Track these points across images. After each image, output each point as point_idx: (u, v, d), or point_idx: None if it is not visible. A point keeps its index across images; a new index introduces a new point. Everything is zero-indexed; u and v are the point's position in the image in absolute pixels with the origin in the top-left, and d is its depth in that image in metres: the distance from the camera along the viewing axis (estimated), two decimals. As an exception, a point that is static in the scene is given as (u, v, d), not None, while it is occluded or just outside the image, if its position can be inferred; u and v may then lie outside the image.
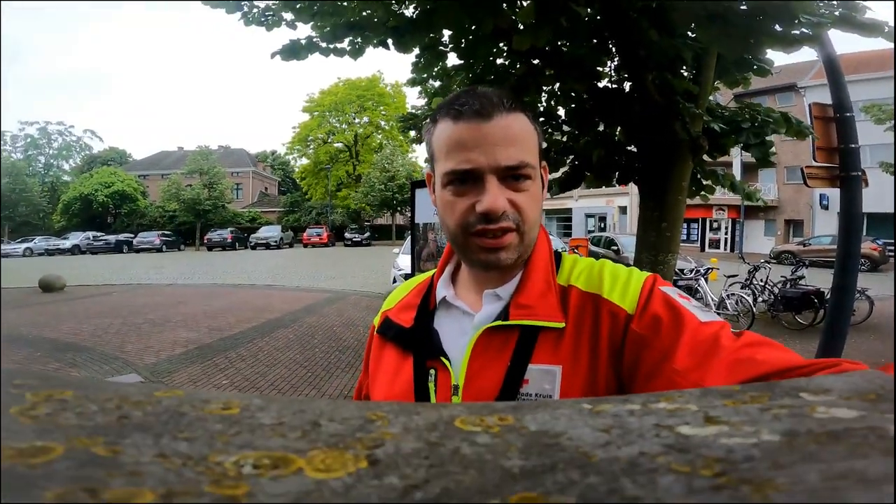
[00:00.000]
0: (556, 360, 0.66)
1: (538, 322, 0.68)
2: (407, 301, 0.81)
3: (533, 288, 0.71)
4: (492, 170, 0.65)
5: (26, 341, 6.25)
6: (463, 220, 0.68)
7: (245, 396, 0.26)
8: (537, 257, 0.74)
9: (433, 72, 3.91)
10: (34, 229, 37.36)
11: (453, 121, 0.67)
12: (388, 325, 0.80)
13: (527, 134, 0.69)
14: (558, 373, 0.66)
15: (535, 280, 0.71)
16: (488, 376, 0.68)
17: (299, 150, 43.38)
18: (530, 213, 0.69)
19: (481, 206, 0.65)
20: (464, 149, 0.66)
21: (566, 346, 0.67)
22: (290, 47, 3.08)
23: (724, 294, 7.56)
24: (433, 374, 0.71)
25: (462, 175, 0.67)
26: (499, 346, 0.68)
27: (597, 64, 3.11)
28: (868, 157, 15.64)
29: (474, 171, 0.66)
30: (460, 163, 0.66)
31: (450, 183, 0.68)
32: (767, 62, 3.08)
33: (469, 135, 0.66)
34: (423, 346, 0.74)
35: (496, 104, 0.66)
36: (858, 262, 4.12)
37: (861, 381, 0.29)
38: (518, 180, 0.67)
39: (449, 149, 0.67)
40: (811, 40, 1.94)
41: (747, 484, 0.16)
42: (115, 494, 0.14)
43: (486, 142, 0.65)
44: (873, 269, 16.64)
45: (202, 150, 40.35)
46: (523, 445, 0.21)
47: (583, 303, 0.69)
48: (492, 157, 0.65)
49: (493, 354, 0.68)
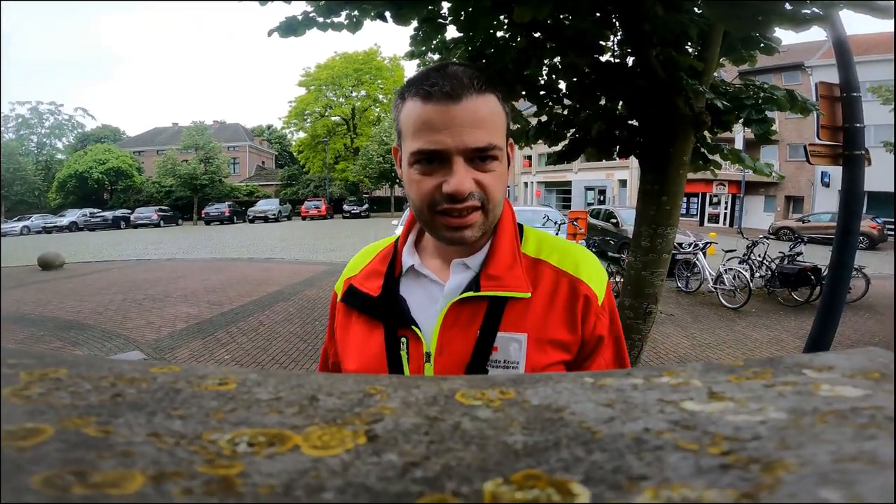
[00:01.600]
0: (522, 329, 0.71)
1: (507, 293, 0.72)
2: (371, 268, 0.81)
3: (501, 260, 0.74)
4: (459, 151, 0.66)
5: (28, 320, 6.28)
6: (429, 198, 0.69)
7: (242, 371, 0.26)
8: (503, 230, 0.76)
9: (432, 45, 3.82)
10: (30, 207, 37.37)
11: (423, 101, 0.67)
12: (354, 294, 0.79)
13: (495, 116, 0.69)
14: (524, 340, 0.71)
15: (502, 252, 0.75)
16: (459, 344, 0.71)
17: (296, 124, 42.85)
18: (496, 192, 0.71)
19: (448, 188, 0.67)
20: (432, 130, 0.66)
21: (532, 316, 0.72)
22: (288, 24, 2.99)
23: (722, 269, 7.59)
24: (405, 343, 0.73)
25: (429, 155, 0.67)
26: (469, 316, 0.72)
27: (599, 38, 3.04)
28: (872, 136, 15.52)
29: (441, 152, 0.67)
30: (428, 143, 0.67)
31: (417, 162, 0.69)
32: (775, 40, 3.02)
33: (438, 116, 0.66)
34: (393, 314, 0.75)
35: (466, 86, 0.66)
36: (857, 240, 4.13)
37: (863, 360, 0.29)
38: (485, 161, 0.69)
39: (417, 128, 0.68)
40: (821, 20, 1.89)
41: (756, 463, 0.16)
42: (104, 477, 0.14)
43: (455, 123, 0.66)
44: (871, 247, 16.68)
45: (197, 125, 39.81)
46: (525, 420, 0.20)
47: (557, 279, 0.74)
48: (459, 139, 0.66)
49: (464, 323, 0.72)
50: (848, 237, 3.91)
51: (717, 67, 2.97)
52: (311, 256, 13.61)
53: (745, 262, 8.10)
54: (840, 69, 3.83)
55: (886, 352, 0.30)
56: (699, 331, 6.08)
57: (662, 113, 2.80)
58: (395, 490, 0.15)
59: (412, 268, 0.77)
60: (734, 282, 7.37)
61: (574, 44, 2.87)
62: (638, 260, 3.00)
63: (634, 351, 3.04)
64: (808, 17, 1.83)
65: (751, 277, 7.37)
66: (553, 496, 0.15)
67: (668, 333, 5.95)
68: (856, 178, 3.89)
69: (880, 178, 11.40)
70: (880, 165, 8.24)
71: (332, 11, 2.95)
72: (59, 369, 0.24)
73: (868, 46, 20.90)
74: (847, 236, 3.91)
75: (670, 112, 2.76)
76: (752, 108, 2.89)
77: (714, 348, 5.42)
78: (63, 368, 0.24)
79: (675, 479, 0.15)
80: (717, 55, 2.88)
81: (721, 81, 3.21)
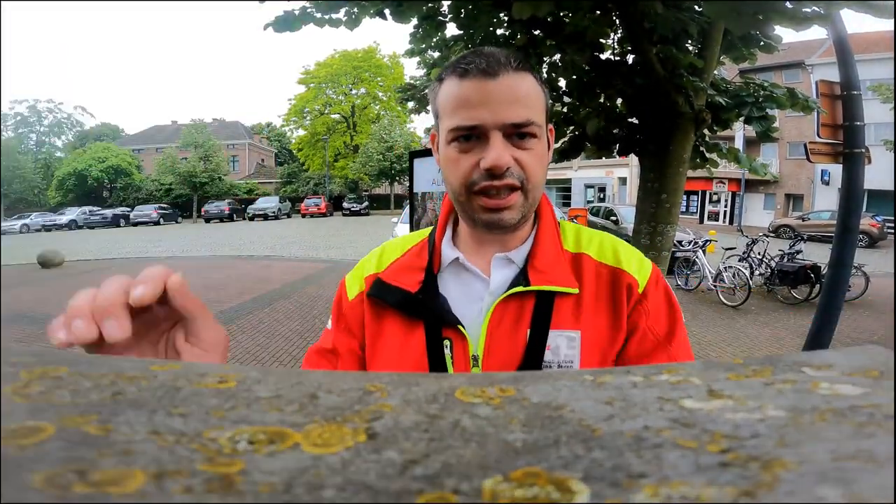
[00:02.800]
0: (575, 326, 0.67)
1: (556, 287, 0.68)
2: (406, 262, 0.75)
3: (546, 253, 0.70)
4: (497, 126, 0.64)
5: (28, 319, 6.28)
6: (467, 177, 0.66)
7: (242, 369, 0.26)
8: (544, 223, 0.73)
9: (432, 42, 3.81)
10: (30, 206, 37.41)
11: (459, 78, 0.65)
12: (386, 289, 0.72)
13: (533, 93, 0.66)
14: (578, 338, 0.67)
15: (546, 245, 0.71)
16: (509, 345, 0.67)
17: (296, 122, 42.83)
18: (536, 171, 0.67)
19: (486, 162, 0.63)
20: (469, 106, 0.64)
21: (583, 312, 0.68)
22: (284, 18, 2.98)
23: (722, 267, 7.59)
24: (449, 344, 0.68)
25: (467, 131, 0.65)
26: (516, 313, 0.67)
27: (599, 36, 3.04)
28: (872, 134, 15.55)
29: (479, 127, 0.64)
30: (465, 119, 0.64)
31: (455, 140, 0.66)
32: (776, 38, 3.02)
33: (475, 92, 0.64)
34: (435, 312, 0.69)
35: (503, 63, 0.64)
36: (857, 237, 4.13)
37: (863, 358, 0.29)
38: (523, 138, 0.65)
39: (455, 106, 0.65)
40: (822, 19, 1.89)
41: (755, 461, 0.16)
42: (104, 475, 0.14)
43: (492, 99, 0.63)
44: (871, 245, 16.70)
45: (196, 123, 39.81)
46: (525, 418, 0.20)
47: (599, 272, 0.71)
48: (497, 114, 0.63)
49: (512, 322, 0.67)
50: (847, 235, 3.92)
51: (717, 65, 2.97)
52: (311, 254, 13.61)
53: (745, 259, 8.11)
54: (840, 67, 3.83)
55: (886, 350, 0.30)
56: (699, 328, 6.09)
57: (662, 111, 2.80)
58: (394, 488, 0.15)
59: (455, 261, 0.72)
60: (734, 279, 7.38)
61: (574, 41, 2.87)
62: (638, 258, 3.01)
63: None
64: (808, 15, 1.84)
65: (750, 275, 7.38)
66: (553, 493, 0.15)
67: (667, 331, 5.96)
68: (856, 177, 3.89)
69: (880, 177, 11.42)
70: (880, 164, 8.25)
71: (331, 8, 2.95)
72: (59, 367, 0.24)
73: (868, 45, 20.90)
74: (847, 234, 3.92)
75: (670, 110, 2.76)
76: (752, 105, 2.89)
77: (713, 346, 5.42)
78: (63, 366, 0.24)
79: (674, 477, 0.15)
80: (717, 53, 2.88)
81: (721, 79, 3.21)
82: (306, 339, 5.41)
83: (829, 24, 2.48)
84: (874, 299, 7.38)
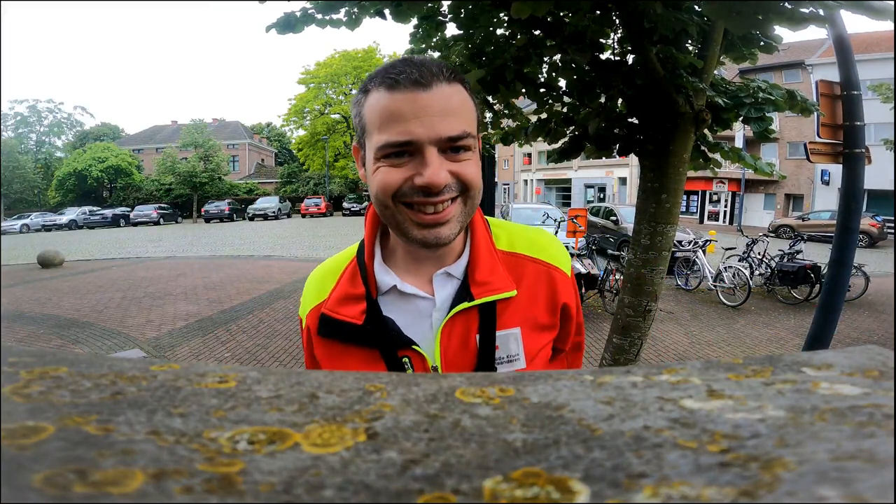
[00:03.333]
0: (514, 323, 0.72)
1: (497, 296, 0.71)
2: (342, 292, 0.74)
3: (484, 263, 0.72)
4: (432, 141, 0.61)
5: (28, 319, 6.28)
6: (394, 189, 0.63)
7: (241, 369, 0.26)
8: (477, 231, 0.74)
9: (432, 43, 3.81)
10: (30, 206, 37.53)
11: (388, 90, 0.62)
12: (333, 325, 0.73)
13: (468, 104, 0.65)
14: (519, 333, 0.73)
15: (482, 255, 0.73)
16: (464, 352, 0.71)
17: (296, 122, 42.83)
18: (475, 180, 0.66)
19: (422, 180, 0.61)
20: (401, 119, 0.61)
21: (520, 309, 0.73)
22: (286, 20, 2.98)
23: (722, 267, 7.59)
24: (408, 362, 0.70)
25: (399, 147, 0.62)
26: (464, 324, 0.71)
27: (599, 36, 3.03)
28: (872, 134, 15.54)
29: (413, 143, 0.61)
30: (397, 134, 0.61)
31: (385, 157, 0.63)
32: (776, 38, 3.01)
33: (407, 105, 0.61)
34: (387, 339, 0.70)
35: (435, 73, 0.62)
36: (857, 237, 4.13)
37: (862, 358, 0.29)
38: (458, 152, 0.64)
39: (384, 120, 0.62)
40: (820, 20, 1.90)
41: (755, 461, 0.16)
42: (104, 475, 0.14)
43: (426, 112, 0.61)
44: (871, 245, 16.69)
45: (196, 123, 39.83)
46: (525, 418, 0.20)
47: (536, 269, 0.76)
48: (431, 128, 0.61)
49: (462, 332, 0.71)
50: (847, 235, 3.92)
51: (717, 65, 2.96)
52: (311, 254, 13.61)
53: (745, 259, 8.11)
54: (840, 67, 3.83)
55: (885, 350, 0.30)
56: (698, 328, 6.09)
57: (662, 111, 2.80)
58: (394, 488, 0.15)
59: (394, 288, 0.72)
60: (734, 279, 7.38)
61: (574, 41, 2.86)
62: (637, 258, 3.00)
63: (634, 349, 3.05)
64: (807, 16, 1.83)
65: (750, 275, 7.38)
66: (553, 494, 0.15)
67: (667, 331, 5.96)
68: (856, 177, 3.89)
69: (880, 177, 11.40)
70: (880, 163, 8.24)
71: (332, 8, 2.94)
72: (59, 367, 0.24)
73: (869, 44, 20.93)
74: (846, 234, 3.91)
75: (670, 110, 2.76)
76: (750, 106, 2.89)
77: (713, 346, 5.42)
78: (63, 366, 0.24)
79: (674, 477, 0.15)
80: (717, 53, 2.87)
81: (721, 79, 3.21)
82: (306, 339, 5.40)
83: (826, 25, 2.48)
84: (874, 299, 7.38)
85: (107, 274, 10.07)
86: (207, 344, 5.26)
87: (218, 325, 5.92)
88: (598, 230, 12.69)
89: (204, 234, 21.54)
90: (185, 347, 5.14)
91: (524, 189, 37.79)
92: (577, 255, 7.08)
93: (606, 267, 6.97)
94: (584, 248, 7.57)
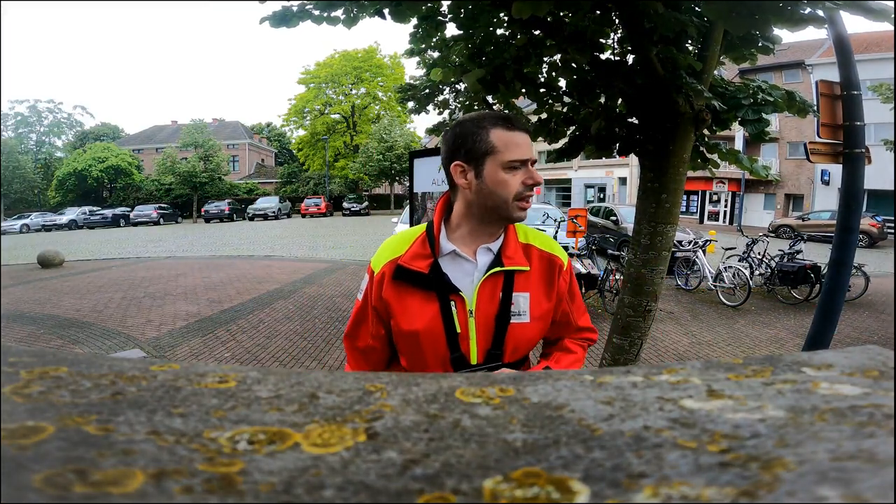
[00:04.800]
0: (526, 289, 1.11)
1: (517, 267, 1.10)
2: (416, 251, 1.10)
3: (511, 245, 1.11)
4: (532, 161, 1.07)
5: (28, 319, 6.28)
6: (517, 191, 1.05)
7: (241, 369, 0.26)
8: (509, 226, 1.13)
9: (432, 42, 3.81)
10: (30, 206, 37.52)
11: (508, 130, 1.05)
12: (406, 272, 1.08)
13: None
14: (528, 297, 1.10)
15: (510, 240, 1.12)
16: (491, 303, 1.08)
17: (296, 122, 42.83)
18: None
19: (534, 180, 1.07)
20: (520, 147, 1.05)
21: (531, 281, 1.12)
22: (281, 14, 2.98)
23: (722, 267, 7.59)
24: (454, 304, 1.06)
25: (520, 163, 1.05)
26: (493, 283, 1.08)
27: (599, 36, 3.03)
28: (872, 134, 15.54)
29: (528, 160, 1.05)
30: (521, 155, 1.05)
31: (510, 167, 1.04)
32: (775, 39, 3.01)
33: (522, 139, 1.06)
34: (443, 285, 1.06)
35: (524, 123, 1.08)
36: (857, 237, 4.13)
37: (862, 358, 0.29)
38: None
39: (510, 146, 1.04)
40: (818, 21, 1.90)
41: (755, 461, 0.16)
42: (104, 475, 0.14)
43: (528, 144, 1.07)
44: (871, 245, 16.69)
45: (196, 123, 39.81)
46: (525, 418, 0.20)
47: (542, 256, 1.15)
48: (531, 153, 1.06)
49: (491, 288, 1.08)
50: (847, 235, 3.92)
51: (717, 66, 2.96)
52: (311, 254, 13.60)
53: (745, 259, 8.11)
54: (840, 67, 3.83)
55: (885, 350, 0.30)
56: (698, 328, 6.09)
57: (662, 111, 2.80)
58: (394, 488, 0.15)
59: (453, 251, 1.09)
60: (734, 279, 7.38)
61: (574, 41, 2.86)
62: (638, 258, 3.00)
63: (634, 349, 3.04)
64: (806, 17, 1.84)
65: (750, 275, 7.37)
66: (553, 494, 0.15)
67: (667, 331, 5.96)
68: (856, 177, 3.89)
69: (880, 177, 11.41)
70: (880, 164, 8.24)
71: (331, 7, 2.94)
72: (59, 367, 0.24)
73: (869, 44, 20.93)
74: (846, 234, 3.91)
75: (670, 110, 2.76)
76: (748, 108, 2.89)
77: (713, 346, 5.42)
78: (63, 367, 0.24)
79: (674, 477, 0.15)
80: (717, 53, 2.87)
81: (720, 80, 3.20)
82: (306, 339, 5.40)
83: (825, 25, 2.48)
84: (874, 299, 7.38)
85: (107, 274, 10.07)
86: (207, 344, 5.25)
87: (218, 325, 5.91)
88: (598, 230, 12.68)
89: (204, 234, 21.53)
90: (185, 347, 5.13)
91: (524, 189, 37.75)
92: (577, 255, 7.08)
93: (606, 267, 6.97)
94: (584, 248, 7.57)
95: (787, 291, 7.58)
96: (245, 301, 7.12)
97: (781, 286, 7.61)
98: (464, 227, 1.11)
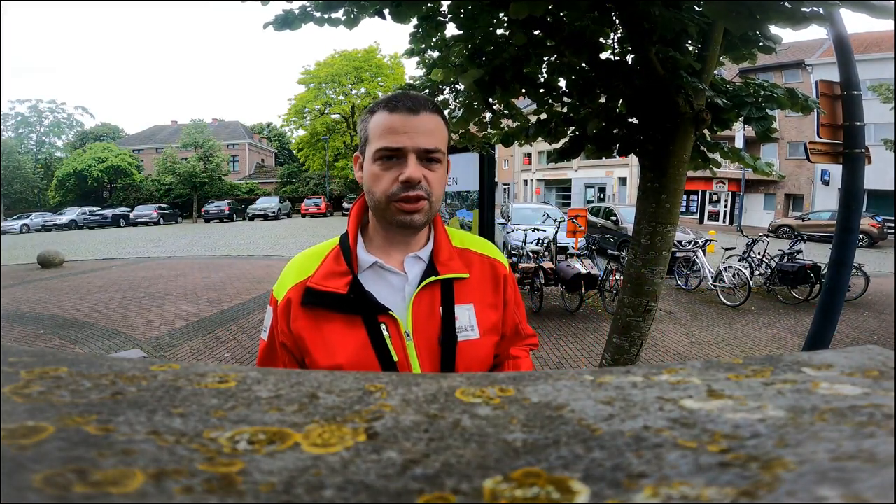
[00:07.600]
0: (469, 300, 0.93)
1: (456, 275, 0.92)
2: (328, 269, 0.90)
3: (444, 250, 0.93)
4: (413, 150, 0.84)
5: (28, 319, 6.28)
6: (388, 189, 0.85)
7: (241, 369, 0.26)
8: (438, 228, 0.96)
9: (432, 43, 3.81)
10: (30, 206, 37.56)
11: (389, 112, 0.85)
12: (319, 295, 0.87)
13: (441, 130, 0.88)
14: (472, 308, 0.93)
15: (443, 245, 0.94)
16: (431, 320, 0.89)
17: (296, 122, 42.79)
18: (438, 188, 0.88)
19: (403, 175, 0.83)
20: (395, 133, 0.84)
21: (473, 289, 0.94)
22: (284, 17, 2.98)
23: (722, 267, 7.59)
24: (385, 327, 0.86)
25: (390, 152, 0.84)
26: (430, 297, 0.90)
27: (599, 36, 3.03)
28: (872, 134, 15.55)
29: (401, 149, 0.83)
30: (391, 142, 0.83)
31: (380, 158, 0.85)
32: (775, 38, 3.01)
33: (400, 123, 0.84)
34: (368, 306, 0.87)
35: (423, 104, 0.85)
36: (857, 238, 4.13)
37: (862, 358, 0.29)
38: (430, 162, 0.86)
39: (383, 131, 0.84)
40: (820, 19, 1.89)
41: (755, 461, 0.16)
42: (104, 475, 0.14)
43: (412, 130, 0.83)
44: (871, 245, 16.69)
45: (196, 123, 39.86)
46: (525, 418, 0.20)
47: (481, 260, 0.98)
48: (414, 141, 0.83)
49: (429, 303, 0.89)
50: (847, 235, 3.91)
51: (717, 65, 2.96)
52: (310, 254, 13.58)
53: (745, 259, 8.11)
54: (840, 67, 3.83)
55: (885, 350, 0.30)
56: (698, 329, 6.09)
57: (662, 111, 2.80)
58: (394, 488, 0.15)
59: (375, 264, 0.90)
60: (734, 279, 7.37)
61: (573, 42, 2.86)
62: (638, 258, 3.00)
63: (634, 349, 3.04)
64: (807, 15, 1.83)
65: (750, 275, 7.37)
66: (553, 494, 0.15)
67: (667, 331, 5.96)
68: (856, 177, 3.89)
69: (880, 177, 11.41)
70: (880, 163, 8.24)
71: (331, 7, 2.94)
72: (59, 367, 0.24)
73: (869, 44, 20.94)
74: (846, 234, 3.91)
75: (670, 110, 2.75)
76: (752, 105, 2.89)
77: (713, 346, 5.42)
78: (63, 367, 0.24)
79: (674, 477, 0.15)
80: (717, 53, 2.87)
81: (721, 79, 3.21)
82: (306, 339, 5.40)
83: (826, 24, 2.48)
84: (874, 299, 7.38)
85: (107, 274, 10.06)
86: (207, 344, 5.25)
87: (218, 325, 5.91)
88: (598, 230, 12.69)
89: (204, 234, 21.53)
90: (185, 347, 5.13)
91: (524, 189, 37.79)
92: (577, 255, 7.08)
93: (606, 267, 6.97)
94: (584, 248, 7.57)
95: (787, 291, 7.58)
96: (245, 301, 7.12)
97: (781, 286, 7.61)
98: (377, 235, 0.93)
